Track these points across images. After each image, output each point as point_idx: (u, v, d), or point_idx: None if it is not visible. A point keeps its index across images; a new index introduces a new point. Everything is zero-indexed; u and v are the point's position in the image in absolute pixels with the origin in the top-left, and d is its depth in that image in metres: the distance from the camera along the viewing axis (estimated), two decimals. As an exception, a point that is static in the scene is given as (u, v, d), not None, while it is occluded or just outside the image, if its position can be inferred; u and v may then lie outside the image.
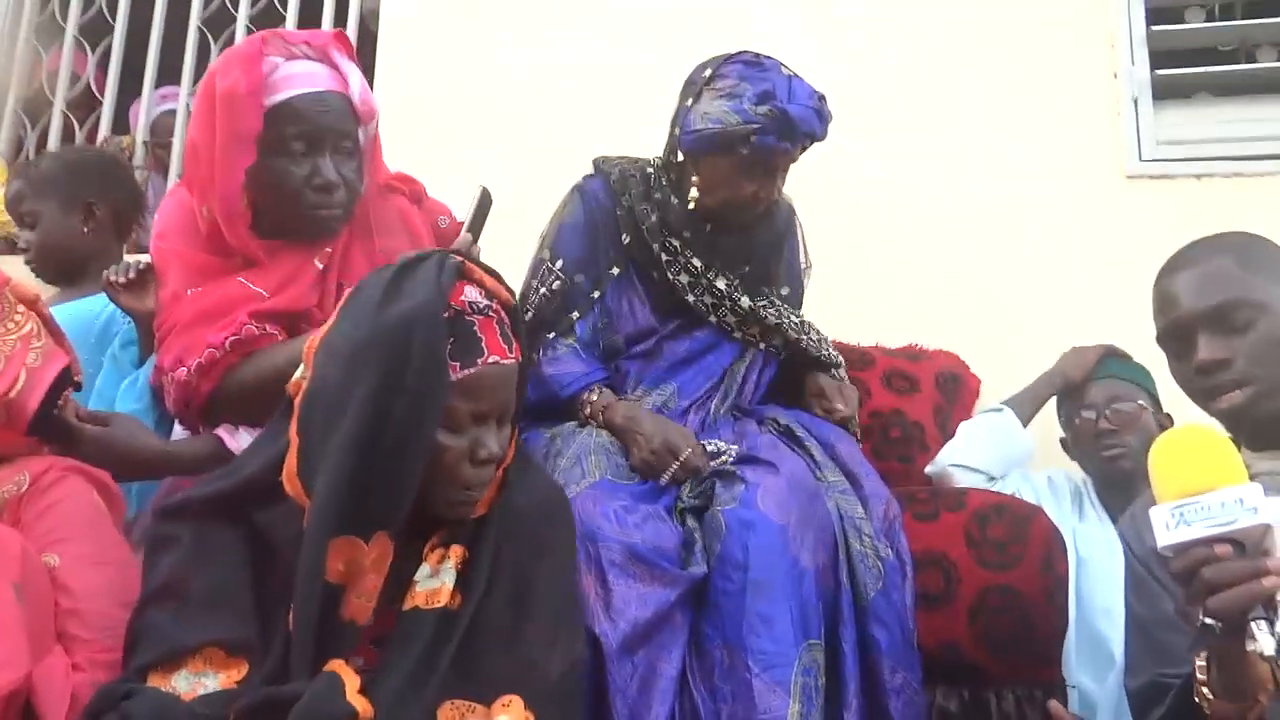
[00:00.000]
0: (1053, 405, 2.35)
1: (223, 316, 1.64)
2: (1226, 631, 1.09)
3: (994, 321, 2.65)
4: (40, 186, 2.31)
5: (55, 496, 1.44)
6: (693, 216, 1.93)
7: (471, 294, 1.32)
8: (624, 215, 1.96)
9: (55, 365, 1.53)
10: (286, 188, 1.67)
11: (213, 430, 1.67)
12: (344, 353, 1.27)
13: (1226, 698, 1.14)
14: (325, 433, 1.24)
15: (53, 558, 1.37)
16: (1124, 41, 2.82)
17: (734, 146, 1.85)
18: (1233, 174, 2.68)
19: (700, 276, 1.95)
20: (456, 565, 1.30)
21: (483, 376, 1.28)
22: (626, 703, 1.45)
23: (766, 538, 1.57)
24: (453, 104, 3.17)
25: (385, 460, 1.22)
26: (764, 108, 1.83)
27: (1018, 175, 2.78)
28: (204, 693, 1.20)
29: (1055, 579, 1.69)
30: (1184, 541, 1.10)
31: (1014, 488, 2.19)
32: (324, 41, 1.74)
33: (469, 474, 1.30)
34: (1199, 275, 1.39)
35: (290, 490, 1.27)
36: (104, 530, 1.46)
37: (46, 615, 1.31)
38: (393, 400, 1.22)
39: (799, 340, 2.01)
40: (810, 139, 1.89)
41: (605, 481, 1.69)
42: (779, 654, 1.49)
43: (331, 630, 1.23)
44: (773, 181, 1.91)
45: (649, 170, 2.00)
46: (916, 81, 2.91)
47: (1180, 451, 1.16)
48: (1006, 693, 1.66)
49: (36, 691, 1.23)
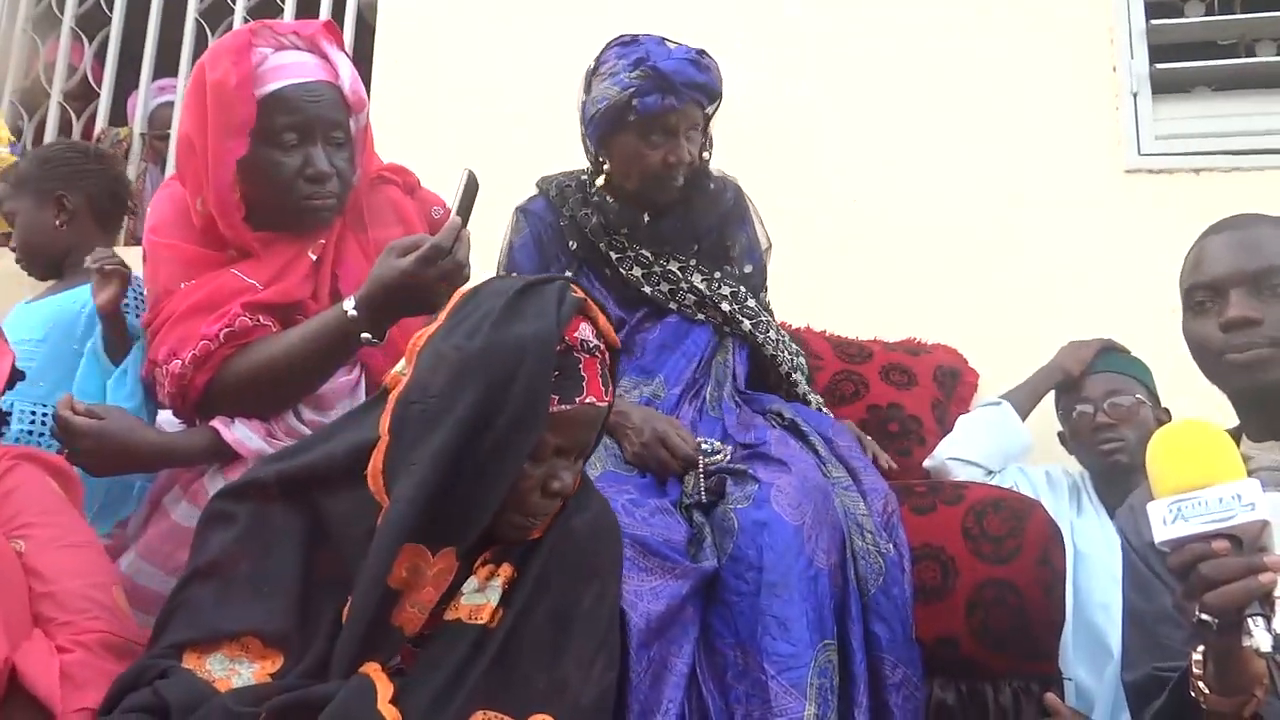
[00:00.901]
0: (1051, 399, 2.35)
1: (216, 308, 1.63)
2: (1223, 627, 1.09)
3: (992, 315, 2.65)
4: (17, 185, 2.32)
5: (10, 484, 1.44)
6: (627, 209, 2.00)
7: (585, 332, 1.31)
8: (567, 224, 2.04)
9: (3, 363, 1.54)
10: (278, 179, 1.67)
11: (208, 422, 1.66)
12: (452, 362, 1.26)
13: (1223, 692, 1.14)
14: (417, 437, 1.24)
15: (19, 543, 1.37)
16: (1123, 35, 2.82)
17: (623, 116, 1.93)
18: (1231, 168, 2.68)
19: (652, 265, 2.00)
20: (504, 584, 1.29)
21: (577, 415, 1.29)
22: (639, 697, 1.44)
23: (781, 538, 1.56)
24: (449, 96, 3.17)
25: (470, 478, 1.22)
26: (637, 71, 1.92)
27: (1016, 169, 2.78)
28: (238, 681, 1.21)
29: (1053, 573, 1.69)
30: (1181, 537, 1.10)
31: (1012, 481, 2.18)
32: (313, 32, 1.73)
33: (537, 503, 1.30)
34: (1244, 238, 1.40)
35: (372, 486, 1.26)
36: (65, 512, 1.46)
37: (20, 601, 1.31)
38: (490, 422, 1.22)
39: (754, 337, 2.02)
40: (700, 91, 1.94)
41: (610, 473, 1.71)
42: (795, 656, 1.48)
43: (379, 633, 1.23)
44: (677, 143, 1.94)
45: (583, 178, 2.08)
46: (915, 75, 2.90)
47: (1178, 446, 1.16)
48: (1004, 685, 1.65)
49: (24, 674, 1.23)
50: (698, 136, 1.99)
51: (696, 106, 1.95)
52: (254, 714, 1.15)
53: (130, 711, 1.17)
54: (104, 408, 1.67)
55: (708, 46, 2.03)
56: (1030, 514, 1.72)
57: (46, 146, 2.66)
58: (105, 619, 1.34)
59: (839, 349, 2.47)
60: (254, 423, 1.63)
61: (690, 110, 1.94)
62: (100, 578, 1.40)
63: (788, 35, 3.00)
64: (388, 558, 1.21)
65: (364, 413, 1.36)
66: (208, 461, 1.64)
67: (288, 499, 1.31)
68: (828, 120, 2.88)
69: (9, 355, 1.57)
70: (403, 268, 1.50)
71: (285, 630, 1.25)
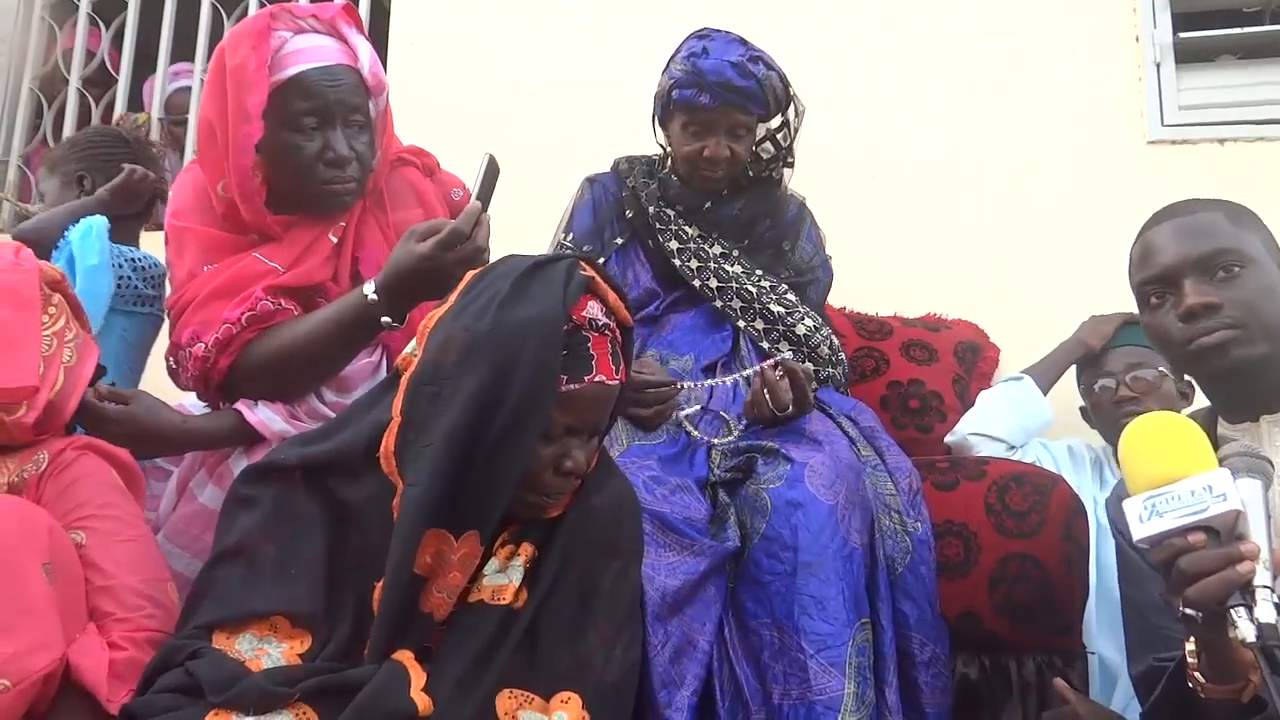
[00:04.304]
0: (1072, 374, 2.34)
1: (239, 292, 1.65)
2: (1207, 620, 1.09)
3: (1013, 290, 2.63)
4: (49, 167, 2.43)
5: (75, 474, 1.45)
6: (687, 190, 2.06)
7: (593, 310, 1.31)
8: (628, 195, 2.12)
9: (90, 361, 1.54)
10: (299, 163, 1.67)
11: (231, 405, 1.67)
12: (461, 343, 1.26)
13: (1217, 680, 1.14)
14: (428, 419, 1.25)
15: (79, 535, 1.38)
16: (1145, 4, 2.78)
17: (668, 106, 2.04)
18: (1256, 138, 2.64)
19: (689, 242, 2.04)
20: (525, 564, 1.30)
21: (586, 394, 1.29)
22: (658, 670, 1.45)
23: (816, 518, 1.57)
24: (466, 77, 3.16)
25: (482, 460, 1.23)
26: (684, 65, 1.99)
27: (1038, 142, 2.75)
28: (268, 661, 1.22)
29: (1075, 547, 1.68)
30: (1158, 533, 1.10)
31: (1034, 456, 2.18)
32: (332, 15, 1.73)
33: (551, 482, 1.31)
34: (1188, 224, 1.38)
35: (385, 467, 1.27)
36: (125, 506, 1.47)
37: (78, 594, 1.32)
38: (500, 403, 1.23)
39: (786, 319, 1.99)
40: (738, 95, 1.96)
41: (636, 448, 1.72)
42: (833, 635, 1.49)
43: (409, 620, 1.24)
44: (715, 138, 1.99)
45: (655, 159, 2.17)
46: (935, 48, 2.87)
47: (1147, 441, 1.15)
48: (1027, 660, 1.66)
49: (75, 668, 1.24)
50: (747, 137, 2.02)
51: (736, 109, 1.97)
52: (288, 693, 1.16)
53: (164, 692, 1.18)
54: (129, 391, 1.68)
55: (725, 21, 2.03)
56: (1053, 489, 1.72)
57: (80, 132, 2.72)
58: (160, 617, 1.36)
59: (859, 325, 2.46)
60: (277, 405, 1.65)
61: (728, 111, 1.97)
62: (157, 574, 1.41)
63: (806, 9, 2.97)
64: (411, 545, 1.22)
65: (379, 395, 1.36)
66: (232, 444, 1.65)
67: (310, 484, 1.32)
68: (846, 94, 2.85)
69: (95, 351, 1.58)
70: (422, 252, 1.51)
71: (313, 611, 1.26)
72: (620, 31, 3.04)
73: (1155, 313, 1.39)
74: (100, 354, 1.61)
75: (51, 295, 1.53)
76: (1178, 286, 1.35)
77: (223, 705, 1.14)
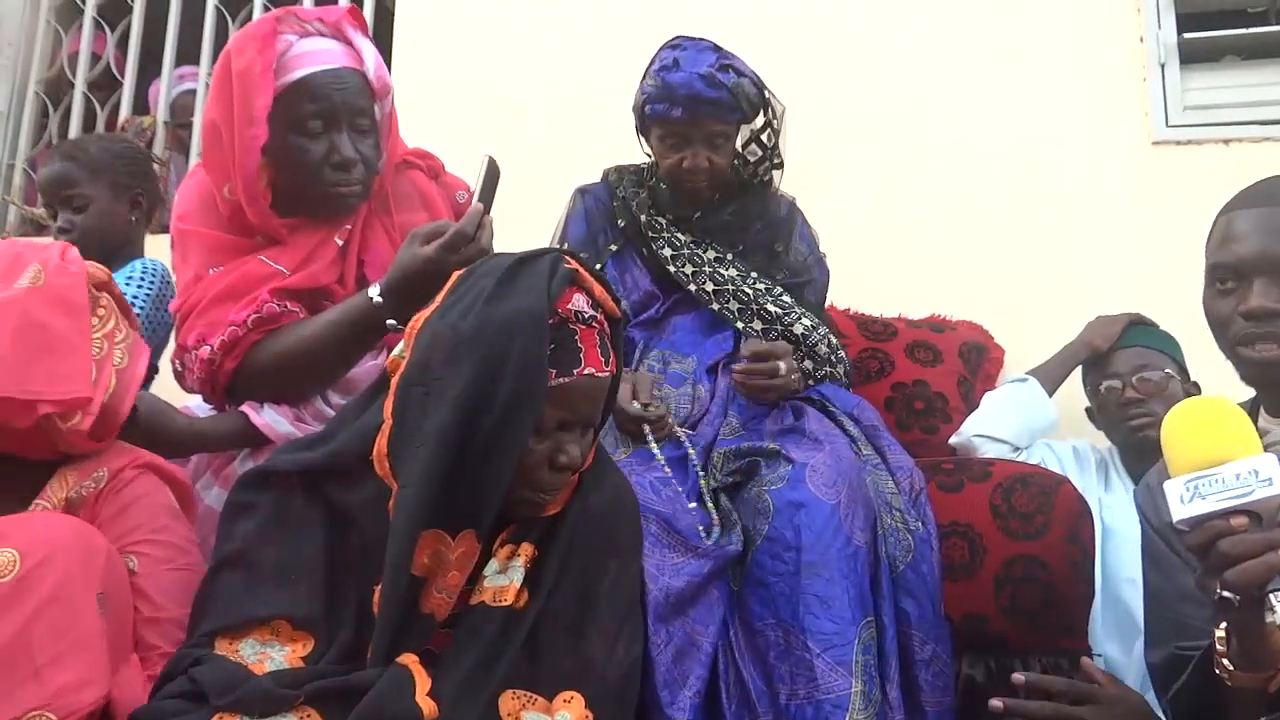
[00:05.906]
0: (1078, 375, 2.33)
1: (244, 295, 1.65)
2: (1245, 604, 1.08)
3: (1018, 291, 2.63)
4: (94, 172, 2.38)
5: (133, 494, 1.43)
6: (676, 198, 2.08)
7: (579, 303, 1.30)
8: (619, 204, 2.14)
9: (141, 363, 1.51)
10: (304, 166, 1.68)
11: (237, 408, 1.68)
12: (447, 341, 1.26)
13: (1247, 668, 1.13)
14: (419, 419, 1.24)
15: (132, 560, 1.36)
16: (1150, 5, 2.78)
17: (643, 119, 2.07)
18: (1262, 138, 2.64)
19: (682, 248, 2.06)
20: (525, 564, 1.29)
21: (576, 387, 1.28)
22: (660, 670, 1.45)
23: (819, 518, 1.57)
24: (469, 80, 3.17)
25: (475, 458, 1.22)
26: (655, 79, 2.00)
27: (1043, 142, 2.75)
28: (272, 665, 1.22)
29: (1081, 549, 1.68)
30: (1199, 515, 1.09)
31: (1039, 458, 2.17)
32: (337, 18, 1.74)
33: (546, 478, 1.30)
34: (1272, 218, 1.35)
35: (379, 470, 1.27)
36: (179, 530, 1.45)
37: (126, 622, 1.30)
38: (489, 400, 1.22)
39: (784, 319, 2.00)
40: (711, 106, 1.96)
41: (641, 451, 1.73)
42: (839, 634, 1.49)
43: (410, 622, 1.24)
44: (693, 149, 2.01)
45: (644, 168, 2.19)
46: (940, 48, 2.87)
47: (1193, 424, 1.14)
48: (1033, 662, 1.65)
49: (116, 702, 1.22)
50: (726, 144, 2.03)
51: (710, 120, 1.98)
52: (293, 696, 1.16)
53: (168, 699, 1.18)
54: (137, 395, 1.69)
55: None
56: (1058, 490, 1.71)
57: (116, 140, 2.75)
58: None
59: (864, 327, 2.46)
60: (283, 407, 1.65)
61: (701, 122, 1.98)
62: None
63: (812, 12, 2.97)
64: (408, 546, 1.21)
65: (370, 398, 1.36)
66: (238, 446, 1.66)
67: (308, 489, 1.32)
68: (851, 96, 2.86)
69: (145, 351, 1.55)
70: (426, 255, 1.51)
71: (314, 614, 1.26)
72: (621, 34, 3.04)
73: (1220, 297, 1.38)
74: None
75: (100, 296, 1.48)
76: (1248, 281, 1.34)
77: (227, 708, 1.14)
